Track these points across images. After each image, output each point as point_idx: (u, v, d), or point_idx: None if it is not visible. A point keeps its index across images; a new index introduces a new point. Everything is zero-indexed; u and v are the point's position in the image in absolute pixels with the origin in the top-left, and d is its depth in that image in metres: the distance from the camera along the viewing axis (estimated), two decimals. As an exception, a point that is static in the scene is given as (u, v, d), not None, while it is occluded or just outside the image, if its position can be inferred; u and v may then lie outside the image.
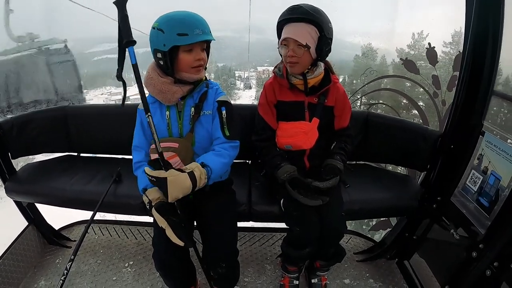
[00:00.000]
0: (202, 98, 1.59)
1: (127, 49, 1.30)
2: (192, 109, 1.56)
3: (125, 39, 1.28)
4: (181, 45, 1.41)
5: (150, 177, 1.35)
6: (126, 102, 1.58)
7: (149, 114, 1.34)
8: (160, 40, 1.41)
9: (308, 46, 1.55)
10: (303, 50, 1.56)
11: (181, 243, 1.38)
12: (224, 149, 1.55)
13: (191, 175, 1.37)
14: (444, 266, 1.83)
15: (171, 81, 1.50)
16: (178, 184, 1.34)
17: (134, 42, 1.29)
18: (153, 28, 1.42)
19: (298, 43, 1.55)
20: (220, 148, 1.55)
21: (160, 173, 1.33)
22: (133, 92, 1.67)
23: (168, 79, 1.50)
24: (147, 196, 1.48)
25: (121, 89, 1.47)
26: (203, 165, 1.45)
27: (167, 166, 1.35)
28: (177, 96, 1.52)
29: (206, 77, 1.63)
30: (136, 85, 1.37)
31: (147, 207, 1.48)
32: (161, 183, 1.33)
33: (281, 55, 1.66)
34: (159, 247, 1.57)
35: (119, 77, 1.39)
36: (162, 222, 1.39)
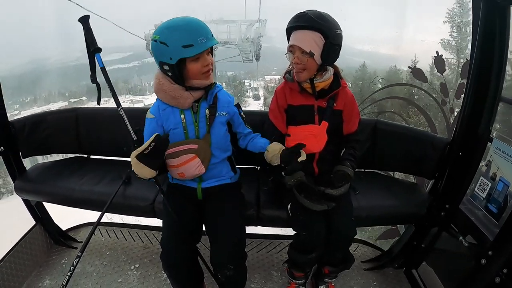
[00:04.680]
0: (215, 99, 1.63)
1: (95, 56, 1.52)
2: (207, 110, 1.60)
3: (92, 47, 1.51)
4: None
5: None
6: (139, 106, 1.64)
7: (120, 107, 1.53)
8: (165, 54, 1.43)
9: (312, 53, 1.57)
10: (307, 57, 1.58)
11: None
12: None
13: None
14: (453, 275, 1.81)
15: (182, 88, 1.53)
16: None
17: (100, 50, 1.52)
18: (154, 41, 1.45)
19: (302, 50, 1.57)
20: (255, 135, 1.79)
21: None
22: (151, 101, 1.72)
23: (179, 86, 1.53)
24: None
25: (141, 97, 1.56)
26: None
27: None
28: (190, 101, 1.56)
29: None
30: (153, 94, 1.44)
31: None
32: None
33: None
34: (168, 248, 1.57)
35: (93, 81, 1.58)
36: None
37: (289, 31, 1.63)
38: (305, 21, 1.56)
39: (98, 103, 1.73)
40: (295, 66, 1.63)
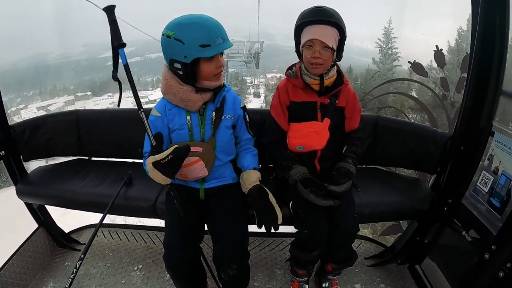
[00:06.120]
0: (222, 102, 1.61)
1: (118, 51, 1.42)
2: (213, 113, 1.59)
3: (116, 42, 1.41)
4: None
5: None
6: (143, 101, 1.59)
7: (141, 110, 1.46)
8: (179, 51, 1.39)
9: (334, 49, 1.56)
10: (330, 52, 1.57)
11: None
12: (251, 145, 1.77)
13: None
14: (456, 270, 1.80)
15: (192, 89, 1.50)
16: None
17: (125, 45, 1.42)
18: (168, 36, 1.39)
19: (324, 45, 1.54)
20: (250, 147, 1.76)
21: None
22: (156, 97, 1.69)
23: (189, 87, 1.50)
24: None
25: (144, 92, 1.53)
26: (254, 169, 1.69)
27: None
28: (199, 104, 1.54)
29: None
30: (156, 89, 1.42)
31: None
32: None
33: (299, 57, 1.68)
34: (170, 248, 1.57)
35: (115, 77, 1.48)
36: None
37: (305, 25, 1.58)
38: (326, 16, 1.53)
39: (119, 104, 1.71)
40: (313, 60, 1.59)
